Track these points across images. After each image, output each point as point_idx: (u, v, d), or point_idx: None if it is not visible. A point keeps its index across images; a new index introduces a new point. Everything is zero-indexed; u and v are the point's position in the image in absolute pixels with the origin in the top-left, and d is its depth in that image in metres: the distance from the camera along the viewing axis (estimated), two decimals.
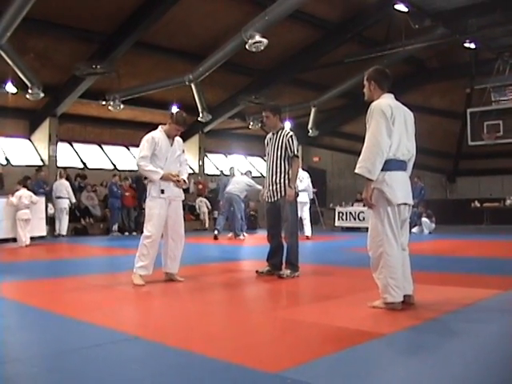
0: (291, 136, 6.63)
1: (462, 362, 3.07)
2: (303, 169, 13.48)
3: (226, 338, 3.66)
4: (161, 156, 6.14)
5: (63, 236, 15.64)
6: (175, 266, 6.26)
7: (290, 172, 6.61)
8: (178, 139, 6.39)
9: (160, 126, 6.36)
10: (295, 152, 6.61)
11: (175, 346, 3.37)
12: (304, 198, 13.27)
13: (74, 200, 16.07)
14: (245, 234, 14.92)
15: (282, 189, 6.58)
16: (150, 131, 6.30)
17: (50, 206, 15.60)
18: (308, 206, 14.25)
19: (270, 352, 3.28)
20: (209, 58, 15.70)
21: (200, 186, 20.69)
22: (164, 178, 6.10)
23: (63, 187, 15.75)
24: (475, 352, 3.28)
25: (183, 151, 6.55)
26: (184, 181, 6.32)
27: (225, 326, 4.08)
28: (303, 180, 13.42)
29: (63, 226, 15.79)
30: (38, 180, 15.84)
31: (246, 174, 15.27)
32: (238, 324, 4.18)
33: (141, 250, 6.04)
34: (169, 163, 6.20)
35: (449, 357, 3.13)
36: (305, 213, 13.80)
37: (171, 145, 6.26)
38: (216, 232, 14.27)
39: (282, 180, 6.59)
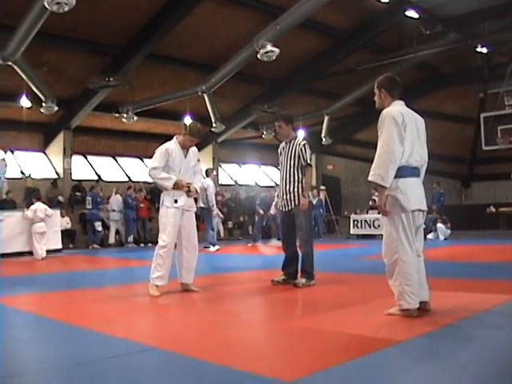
0: (304, 145, 6.62)
1: (478, 368, 3.04)
2: None
3: (242, 347, 3.66)
4: (174, 167, 6.12)
5: (110, 245, 16.80)
6: (190, 276, 6.25)
7: (304, 181, 6.61)
8: (193, 149, 6.34)
9: (175, 137, 6.30)
10: (308, 161, 6.59)
11: (191, 355, 3.38)
12: None
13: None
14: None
15: (296, 198, 6.56)
16: (163, 143, 6.27)
17: (67, 219, 15.96)
18: None
19: (285, 361, 3.27)
20: (221, 69, 15.79)
21: (219, 198, 20.66)
22: (176, 186, 6.08)
23: (114, 202, 16.78)
24: (492, 358, 3.25)
25: (198, 160, 6.53)
26: (196, 190, 6.33)
27: (240, 336, 4.07)
28: None
29: (111, 236, 16.94)
30: (93, 194, 16.35)
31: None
32: (254, 333, 4.19)
33: (156, 261, 6.02)
34: (183, 174, 6.17)
35: (465, 363, 3.11)
36: None
37: (185, 156, 6.22)
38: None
39: (296, 189, 6.57)
